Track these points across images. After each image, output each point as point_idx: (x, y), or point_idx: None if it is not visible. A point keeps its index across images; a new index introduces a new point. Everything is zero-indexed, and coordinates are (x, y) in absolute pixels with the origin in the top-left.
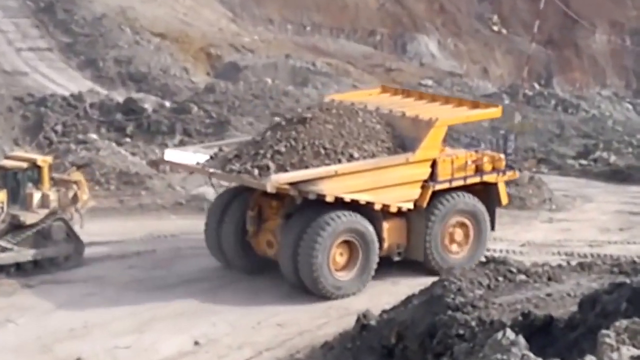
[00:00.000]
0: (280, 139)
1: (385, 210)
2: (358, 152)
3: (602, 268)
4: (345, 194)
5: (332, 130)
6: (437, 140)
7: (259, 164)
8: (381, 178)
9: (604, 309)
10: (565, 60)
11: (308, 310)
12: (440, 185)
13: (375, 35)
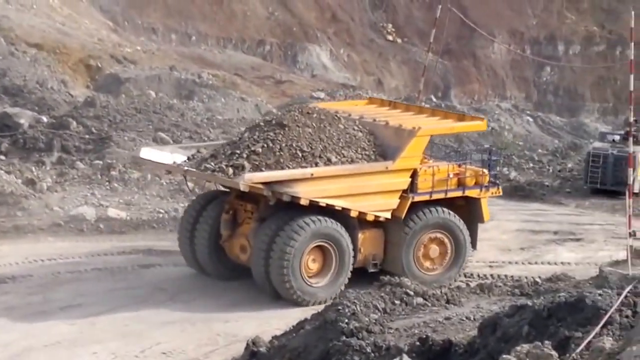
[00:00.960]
0: (258, 140)
1: (362, 219)
2: (336, 157)
3: (503, 290)
4: (321, 199)
5: (312, 134)
6: (418, 150)
7: (234, 164)
8: (359, 185)
9: (505, 333)
10: (463, 70)
11: (194, 338)
12: (420, 197)
13: (265, 45)
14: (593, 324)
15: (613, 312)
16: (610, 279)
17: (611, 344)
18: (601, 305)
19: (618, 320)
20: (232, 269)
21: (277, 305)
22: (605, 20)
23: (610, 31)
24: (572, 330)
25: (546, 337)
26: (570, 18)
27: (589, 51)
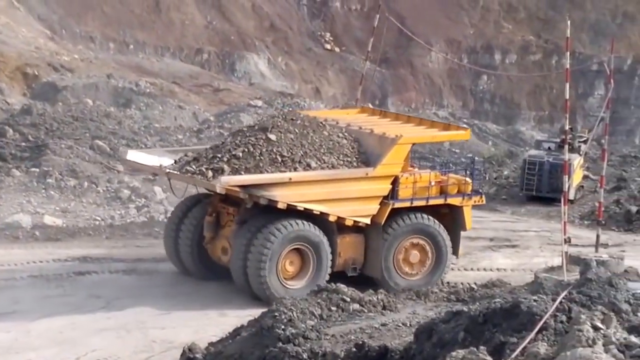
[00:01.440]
0: (239, 144)
1: (342, 224)
2: (316, 162)
3: (439, 296)
4: (299, 203)
5: (293, 140)
6: (399, 157)
7: (215, 167)
8: (338, 190)
9: (441, 339)
10: (400, 79)
11: (130, 345)
12: (401, 204)
13: (203, 53)
14: (528, 330)
15: (548, 317)
16: (545, 285)
17: (546, 350)
18: (536, 311)
19: (553, 325)
20: (214, 270)
21: (214, 312)
22: (542, 29)
23: (546, 40)
24: (507, 335)
25: (482, 342)
26: (507, 27)
27: (526, 60)
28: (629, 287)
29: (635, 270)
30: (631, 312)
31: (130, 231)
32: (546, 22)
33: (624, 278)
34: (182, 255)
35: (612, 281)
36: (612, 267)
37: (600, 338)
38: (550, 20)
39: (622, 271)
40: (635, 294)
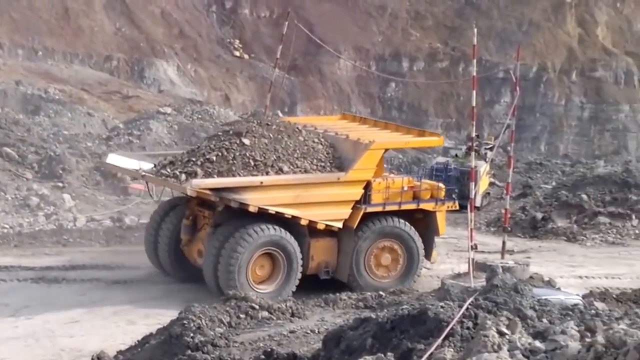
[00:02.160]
0: (214, 149)
1: (315, 228)
2: (289, 167)
3: (348, 303)
4: (270, 206)
5: (267, 144)
6: (371, 162)
7: (188, 170)
8: (310, 194)
9: (349, 346)
10: (309, 86)
11: (38, 353)
12: (373, 208)
13: (112, 60)
14: (435, 336)
15: (455, 324)
16: (452, 291)
17: (452, 355)
18: (443, 317)
19: (459, 332)
20: (191, 271)
21: (123, 320)
22: (449, 37)
23: (453, 48)
24: (414, 342)
25: (389, 349)
26: (414, 35)
27: (433, 67)
28: (534, 293)
29: (541, 277)
30: (536, 318)
31: (38, 239)
32: (453, 30)
33: (529, 284)
34: (160, 257)
35: (518, 287)
36: (518, 273)
37: (505, 343)
38: (458, 28)
39: (527, 277)
40: (541, 300)
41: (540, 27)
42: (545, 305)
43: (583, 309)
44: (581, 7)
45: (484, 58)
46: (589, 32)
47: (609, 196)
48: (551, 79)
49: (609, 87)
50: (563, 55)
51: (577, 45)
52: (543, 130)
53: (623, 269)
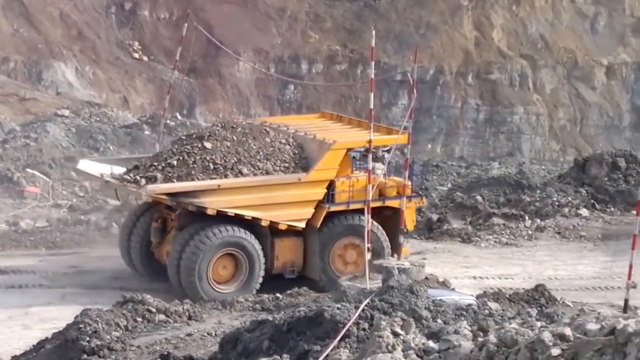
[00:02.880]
0: (175, 153)
1: (279, 228)
2: (249, 169)
3: (245, 305)
4: (229, 209)
5: (229, 147)
6: (333, 162)
7: (148, 175)
8: (270, 196)
9: (246, 348)
10: (208, 88)
11: None
12: (337, 207)
13: (9, 62)
14: (332, 338)
15: (351, 325)
16: (348, 293)
17: (347, 356)
18: (339, 319)
19: (355, 333)
20: (161, 272)
21: (17, 325)
22: (348, 39)
23: (352, 50)
24: (311, 343)
25: (286, 351)
26: (313, 37)
27: (332, 70)
28: (429, 294)
29: (436, 278)
30: (431, 319)
31: None
32: (352, 33)
33: (424, 285)
34: (133, 258)
35: (413, 288)
36: (414, 274)
37: (399, 344)
38: (356, 30)
39: (423, 279)
40: (435, 301)
41: (438, 30)
42: (440, 306)
43: (477, 309)
44: (477, 10)
45: (382, 60)
46: (485, 35)
47: (503, 197)
48: (448, 82)
49: (504, 90)
50: (459, 58)
51: (474, 48)
52: (439, 132)
53: (516, 270)
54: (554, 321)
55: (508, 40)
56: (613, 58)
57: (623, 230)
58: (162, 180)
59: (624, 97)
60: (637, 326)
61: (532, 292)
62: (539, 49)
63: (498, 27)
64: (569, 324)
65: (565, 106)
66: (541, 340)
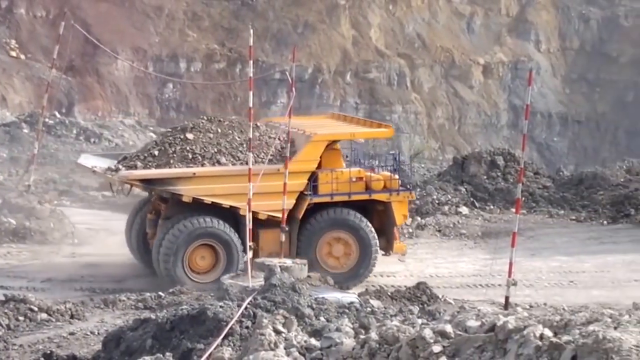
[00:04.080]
0: (158, 144)
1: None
2: (227, 159)
3: (127, 304)
4: (206, 197)
5: (211, 139)
6: (313, 154)
7: (130, 164)
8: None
9: (129, 347)
10: (87, 87)
11: None
12: (319, 199)
13: None
14: (214, 336)
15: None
16: (231, 291)
17: (230, 355)
18: (222, 317)
19: (238, 331)
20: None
21: None
22: (226, 38)
23: (230, 49)
24: (194, 342)
25: (169, 349)
26: (191, 36)
27: (210, 68)
28: (311, 292)
29: (318, 276)
30: (314, 316)
31: None
32: (230, 31)
33: (307, 283)
34: (134, 249)
35: (296, 286)
36: (296, 272)
37: (281, 341)
38: (234, 29)
39: (305, 277)
40: (318, 299)
41: (316, 29)
42: (323, 304)
43: (359, 307)
44: (355, 10)
45: (260, 59)
46: (362, 34)
47: None
48: (326, 80)
49: (382, 89)
50: (338, 57)
51: (352, 47)
52: None
53: (397, 267)
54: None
55: (386, 40)
56: (490, 57)
57: (502, 228)
58: (142, 168)
59: (501, 96)
60: (516, 323)
61: (414, 290)
62: (417, 48)
63: (375, 27)
64: (449, 321)
65: (444, 105)
66: (422, 337)
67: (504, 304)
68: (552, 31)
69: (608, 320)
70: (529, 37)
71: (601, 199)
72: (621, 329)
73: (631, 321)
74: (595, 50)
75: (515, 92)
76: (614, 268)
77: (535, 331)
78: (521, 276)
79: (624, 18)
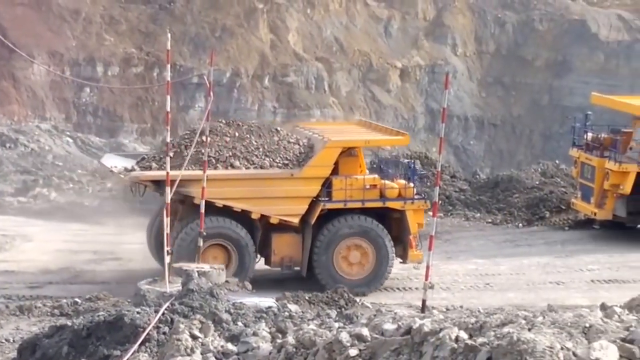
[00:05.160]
0: (175, 146)
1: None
2: (241, 163)
3: (43, 311)
4: (218, 199)
5: (227, 142)
6: (327, 160)
7: (144, 165)
8: (261, 189)
9: (45, 354)
10: (2, 92)
11: None
12: (333, 205)
13: None
14: (132, 342)
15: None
16: (148, 297)
17: None
18: (139, 323)
19: (156, 337)
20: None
21: None
22: (143, 42)
23: (148, 53)
24: (111, 348)
25: (86, 356)
26: (109, 40)
27: (128, 72)
28: (229, 297)
29: (236, 281)
30: (231, 321)
31: None
32: (147, 35)
33: (224, 288)
34: (152, 250)
35: (213, 292)
36: (214, 277)
37: (198, 347)
38: (152, 33)
39: (223, 282)
40: (236, 304)
41: (234, 33)
42: (240, 309)
43: (276, 312)
44: (273, 13)
45: (178, 63)
46: (280, 38)
47: None
48: (244, 84)
49: (300, 92)
50: (256, 61)
51: (270, 51)
52: None
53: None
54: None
55: (304, 44)
56: (407, 61)
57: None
58: (156, 169)
59: (419, 100)
60: (432, 325)
61: (332, 294)
62: (334, 52)
63: (293, 30)
64: (366, 324)
65: (361, 108)
66: (339, 341)
67: (420, 307)
68: (469, 35)
69: (522, 321)
70: (445, 41)
71: (516, 202)
72: (535, 330)
73: (545, 322)
74: (511, 54)
75: (432, 96)
76: (529, 270)
77: (451, 333)
78: (438, 279)
79: (539, 22)
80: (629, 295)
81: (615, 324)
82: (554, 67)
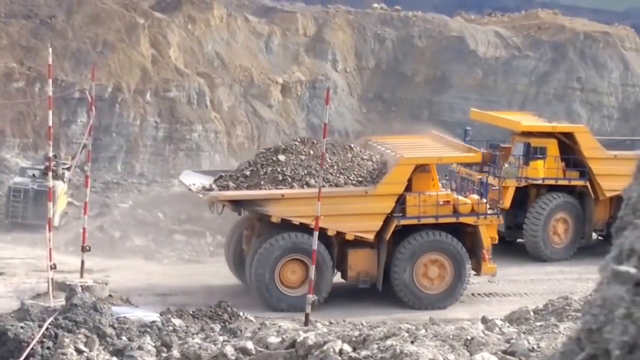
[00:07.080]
0: (252, 164)
1: (351, 239)
2: (317, 181)
3: None
4: (294, 217)
5: (302, 161)
6: (401, 177)
7: (222, 184)
8: (336, 207)
9: None
10: None
11: None
12: (407, 221)
13: None
14: (16, 357)
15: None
16: (32, 311)
17: None
18: (23, 337)
19: (40, 352)
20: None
21: None
22: (25, 57)
23: (29, 68)
24: None
25: None
26: None
27: (9, 87)
28: (113, 312)
29: (120, 295)
30: (115, 336)
31: None
32: (29, 50)
33: (108, 303)
34: (231, 265)
35: (97, 306)
36: (97, 292)
37: None
38: (33, 47)
39: (106, 296)
40: (120, 318)
41: (115, 48)
42: (125, 323)
43: (161, 326)
44: (154, 29)
45: (59, 78)
46: (162, 53)
47: (184, 214)
48: (126, 99)
49: (182, 108)
50: (137, 76)
51: (151, 66)
52: (119, 149)
53: (198, 286)
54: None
55: (185, 59)
56: (288, 76)
57: None
58: (234, 189)
59: (300, 115)
60: (316, 339)
61: (215, 308)
62: (216, 67)
63: (175, 46)
64: (251, 337)
65: (243, 124)
66: (224, 354)
67: (304, 320)
68: (349, 51)
69: (405, 334)
70: (326, 57)
71: None
72: (418, 343)
73: (427, 335)
74: (391, 70)
75: (314, 111)
76: None
77: (335, 346)
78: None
79: (418, 38)
80: (510, 309)
81: (497, 336)
82: (434, 83)
